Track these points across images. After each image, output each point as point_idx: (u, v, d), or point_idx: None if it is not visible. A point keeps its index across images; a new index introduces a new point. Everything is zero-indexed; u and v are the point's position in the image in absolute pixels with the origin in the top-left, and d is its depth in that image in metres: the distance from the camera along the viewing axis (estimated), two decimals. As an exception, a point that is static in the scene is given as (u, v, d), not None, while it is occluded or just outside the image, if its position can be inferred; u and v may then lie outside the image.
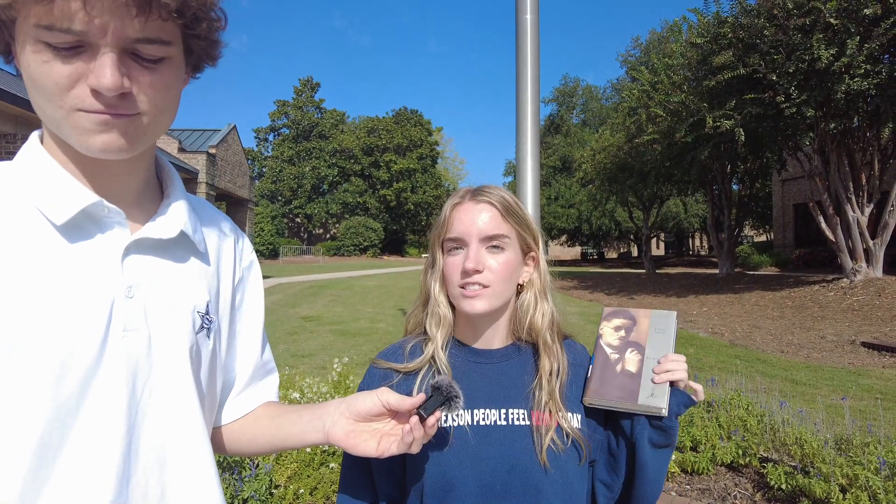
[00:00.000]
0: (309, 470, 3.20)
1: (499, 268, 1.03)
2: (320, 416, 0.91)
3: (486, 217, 1.04)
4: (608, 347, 1.08)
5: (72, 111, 0.66)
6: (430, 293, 1.11)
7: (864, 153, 13.60)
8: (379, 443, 0.88)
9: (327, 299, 16.38)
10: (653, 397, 1.00)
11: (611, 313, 1.13)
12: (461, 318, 1.11)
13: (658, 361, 1.03)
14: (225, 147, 21.81)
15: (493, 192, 1.08)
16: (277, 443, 0.95)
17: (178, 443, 0.77)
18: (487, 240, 1.04)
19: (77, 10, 0.61)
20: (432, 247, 1.12)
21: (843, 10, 11.00)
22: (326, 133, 62.31)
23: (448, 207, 1.08)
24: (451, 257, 1.06)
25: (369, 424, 0.90)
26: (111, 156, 0.70)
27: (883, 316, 10.43)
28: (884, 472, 2.94)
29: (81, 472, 0.67)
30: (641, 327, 1.09)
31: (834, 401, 5.39)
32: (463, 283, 1.03)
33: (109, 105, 0.66)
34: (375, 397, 0.89)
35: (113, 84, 0.64)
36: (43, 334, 0.66)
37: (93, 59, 0.65)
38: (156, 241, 0.79)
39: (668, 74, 15.44)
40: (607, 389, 1.04)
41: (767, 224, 35.54)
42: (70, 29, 0.62)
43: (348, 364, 4.95)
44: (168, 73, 0.71)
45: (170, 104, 0.74)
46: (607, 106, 50.96)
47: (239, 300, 0.96)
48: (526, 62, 2.36)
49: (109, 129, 0.68)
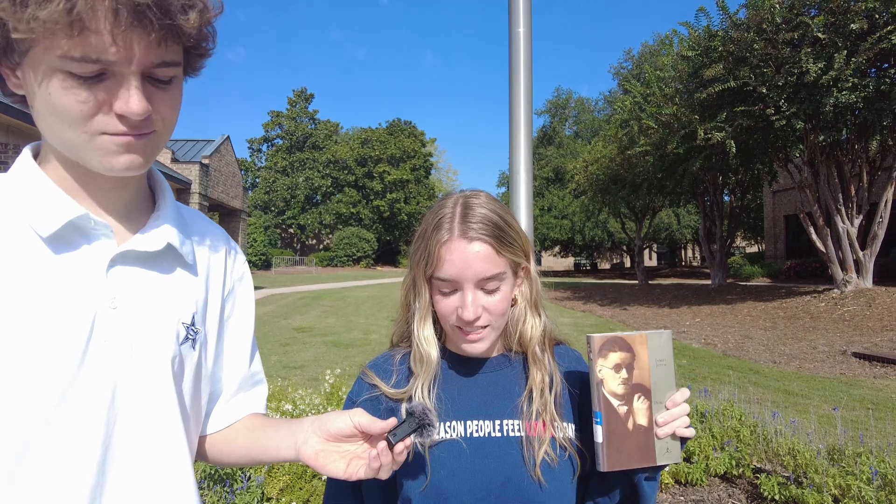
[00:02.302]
0: (301, 482, 3.17)
1: (496, 306, 0.99)
2: (294, 433, 0.89)
3: (481, 257, 0.96)
4: (614, 399, 0.95)
5: (95, 135, 0.69)
6: (413, 330, 1.05)
7: (852, 165, 13.78)
8: (348, 465, 0.86)
9: (320, 310, 16.32)
10: (669, 453, 0.96)
11: (603, 346, 0.96)
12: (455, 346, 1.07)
13: (666, 406, 0.97)
14: (218, 157, 21.77)
15: (483, 217, 0.98)
16: (254, 455, 0.94)
17: (155, 455, 0.77)
18: (484, 282, 0.97)
19: (109, 45, 0.63)
20: (415, 273, 1.03)
21: (831, 25, 11.20)
22: (320, 144, 62.35)
23: (436, 243, 0.97)
24: (445, 298, 0.99)
25: (340, 445, 0.87)
26: (131, 173, 0.73)
27: (873, 326, 10.50)
28: (876, 483, 2.95)
29: (54, 482, 0.68)
30: (642, 361, 0.97)
31: (826, 411, 5.41)
32: (461, 326, 0.99)
33: (133, 127, 0.70)
34: (348, 418, 0.86)
35: (142, 110, 0.68)
36: (24, 344, 0.67)
37: (118, 86, 0.67)
38: (142, 254, 0.79)
39: (659, 87, 15.61)
40: (625, 455, 0.94)
41: (759, 235, 35.84)
42: (99, 59, 0.64)
43: (341, 375, 4.93)
44: (177, 91, 0.75)
45: (176, 119, 0.77)
46: (600, 118, 51.37)
47: (229, 311, 0.96)
48: (519, 74, 2.38)
49: (132, 149, 0.71)
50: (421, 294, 1.03)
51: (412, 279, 1.04)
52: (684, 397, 0.97)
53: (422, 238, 1.01)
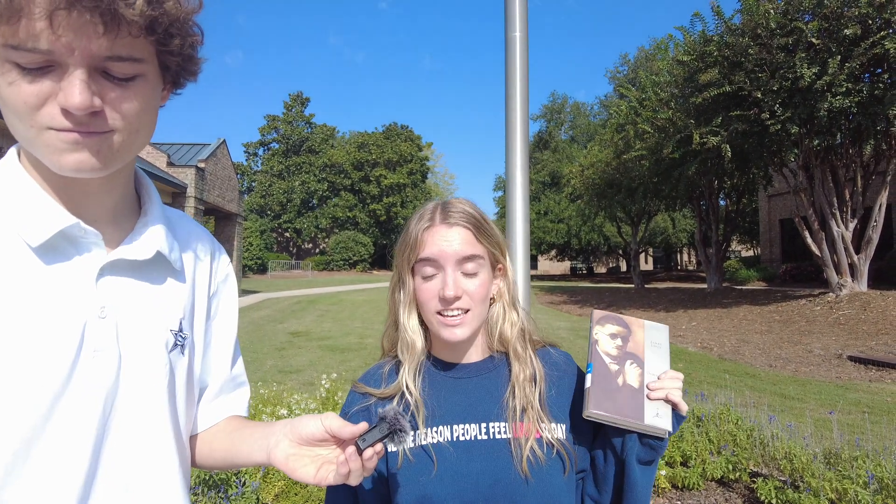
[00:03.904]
0: (296, 488, 3.15)
1: (476, 291, 1.02)
2: (266, 436, 0.88)
3: (461, 239, 1.02)
4: (606, 356, 1.00)
5: (42, 130, 0.65)
6: (399, 319, 1.08)
7: (847, 169, 13.84)
8: (318, 469, 0.84)
9: (316, 314, 16.28)
10: (658, 418, 0.95)
11: (603, 318, 1.04)
12: (436, 338, 1.10)
13: (657, 377, 0.99)
14: (214, 161, 21.75)
15: (462, 210, 1.05)
16: (230, 458, 0.93)
17: (145, 464, 0.76)
18: (463, 261, 1.02)
19: (43, 30, 0.60)
20: (400, 268, 1.07)
21: (825, 30, 11.27)
22: (316, 148, 62.36)
23: (418, 230, 1.03)
24: (426, 283, 1.03)
25: (312, 449, 0.86)
26: (84, 175, 0.69)
27: (868, 330, 10.53)
28: (872, 486, 2.95)
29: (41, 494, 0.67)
30: (637, 338, 1.03)
31: (822, 415, 5.41)
32: (442, 309, 1.02)
33: (80, 124, 0.65)
34: (319, 421, 0.84)
35: (82, 103, 0.63)
36: (12, 355, 0.65)
37: (62, 79, 0.64)
38: (131, 262, 0.78)
39: (655, 91, 15.67)
40: (611, 403, 0.96)
41: (754, 239, 35.98)
42: (36, 48, 0.61)
43: (336, 380, 4.91)
44: (141, 91, 0.70)
45: (145, 122, 0.73)
46: (595, 122, 51.55)
47: (213, 312, 0.95)
48: (515, 79, 2.38)
49: (80, 148, 0.67)
50: (406, 285, 1.07)
51: (398, 276, 1.09)
52: (678, 375, 1.00)
53: (405, 234, 1.07)
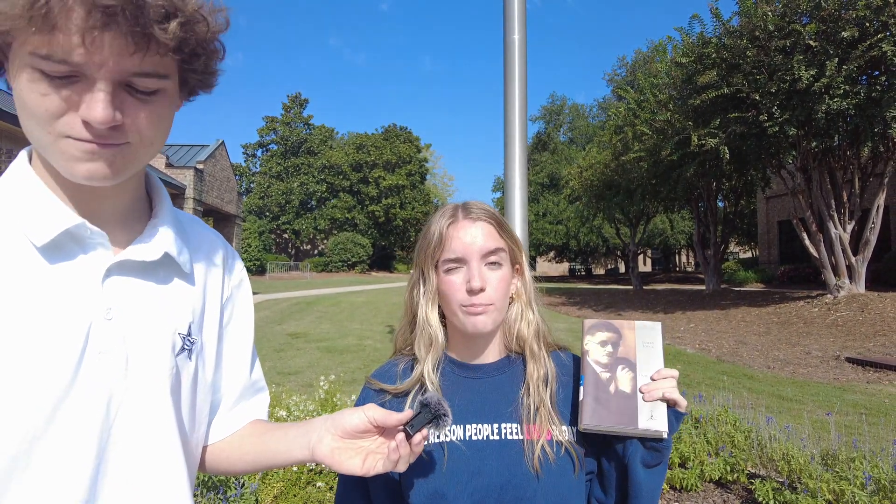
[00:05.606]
0: (295, 489, 3.15)
1: (499, 284, 1.05)
2: (306, 433, 0.89)
3: (485, 233, 1.06)
4: (597, 366, 1.01)
5: (59, 137, 0.66)
6: (419, 313, 1.10)
7: (844, 171, 13.88)
8: (364, 460, 0.86)
9: (315, 316, 16.27)
10: (653, 420, 0.95)
11: (593, 326, 1.05)
12: (454, 336, 1.12)
13: (651, 378, 0.99)
14: (213, 162, 21.74)
15: (483, 207, 1.10)
16: (264, 461, 0.93)
17: (149, 467, 0.76)
18: (488, 255, 1.05)
19: (76, 46, 0.61)
20: (422, 265, 1.09)
21: (822, 32, 11.30)
22: (315, 149, 62.29)
23: (442, 226, 1.06)
24: (451, 276, 1.05)
25: (355, 441, 0.87)
26: (95, 183, 0.70)
27: (866, 331, 10.55)
28: (870, 488, 2.96)
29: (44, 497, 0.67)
30: (628, 341, 1.02)
31: (820, 416, 5.42)
32: (468, 302, 1.03)
33: (98, 136, 0.66)
34: (362, 413, 0.86)
35: (105, 118, 0.64)
36: (16, 356, 0.65)
37: (86, 90, 0.64)
38: (138, 263, 0.78)
39: (653, 93, 15.70)
40: (604, 414, 0.96)
41: (753, 241, 36.01)
42: (67, 61, 0.62)
43: (335, 382, 4.91)
44: (161, 105, 0.71)
45: (160, 134, 0.73)
46: (594, 124, 51.58)
47: (227, 318, 0.95)
48: (514, 81, 2.39)
49: (96, 158, 0.67)
50: (428, 280, 1.09)
51: (419, 272, 1.11)
52: (672, 372, 1.00)
53: (426, 232, 1.10)
